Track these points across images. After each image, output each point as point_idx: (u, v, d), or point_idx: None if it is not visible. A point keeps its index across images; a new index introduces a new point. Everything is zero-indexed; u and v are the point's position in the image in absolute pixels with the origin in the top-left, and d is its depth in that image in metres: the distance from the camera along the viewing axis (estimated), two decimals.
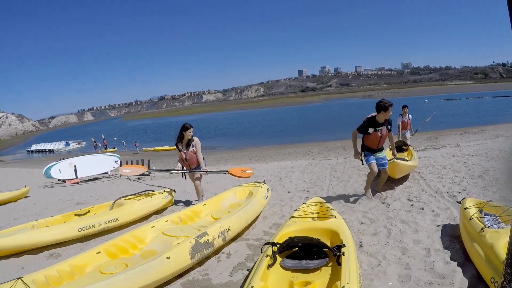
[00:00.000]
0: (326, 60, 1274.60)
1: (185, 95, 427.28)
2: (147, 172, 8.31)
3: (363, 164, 8.32)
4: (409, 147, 12.51)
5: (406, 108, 14.37)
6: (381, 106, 7.82)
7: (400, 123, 14.30)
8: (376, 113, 7.95)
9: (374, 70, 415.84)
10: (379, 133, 7.96)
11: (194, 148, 8.62)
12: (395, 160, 8.63)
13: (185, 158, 8.66)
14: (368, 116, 8.08)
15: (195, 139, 8.66)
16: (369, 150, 8.16)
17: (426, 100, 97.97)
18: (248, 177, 9.19)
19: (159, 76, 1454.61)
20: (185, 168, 8.76)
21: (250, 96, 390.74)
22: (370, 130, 7.92)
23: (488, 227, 4.62)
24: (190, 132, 8.52)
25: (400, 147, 12.43)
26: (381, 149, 8.27)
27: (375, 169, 8.03)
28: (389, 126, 8.16)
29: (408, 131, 14.57)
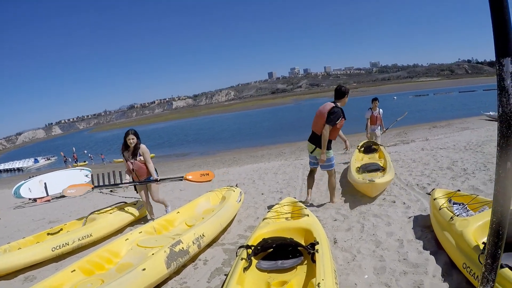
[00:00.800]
0: (295, 61, 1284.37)
1: (155, 102, 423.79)
2: (92, 189, 7.81)
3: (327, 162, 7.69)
4: (380, 147, 12.01)
5: (377, 101, 13.62)
6: (343, 91, 7.57)
7: (369, 118, 13.62)
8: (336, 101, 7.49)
9: (343, 70, 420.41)
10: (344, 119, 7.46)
11: (141, 158, 7.87)
12: (373, 179, 7.61)
13: (133, 169, 7.93)
14: (332, 105, 7.36)
15: (142, 147, 7.89)
16: (330, 145, 7.54)
17: (395, 97, 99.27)
18: (209, 180, 8.51)
19: (128, 84, 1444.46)
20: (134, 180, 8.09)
21: (221, 100, 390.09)
22: (339, 120, 7.30)
23: (457, 216, 4.76)
24: (131, 138, 7.73)
25: (370, 147, 12.13)
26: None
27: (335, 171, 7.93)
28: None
29: (379, 127, 13.83)
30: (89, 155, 49.27)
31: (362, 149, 11.98)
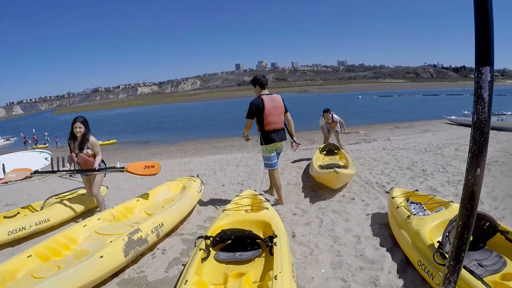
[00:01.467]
0: (263, 55, 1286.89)
1: (119, 87, 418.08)
2: (30, 175, 7.45)
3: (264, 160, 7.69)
4: (341, 149, 11.91)
5: (328, 113, 12.66)
6: (257, 80, 7.17)
7: (324, 125, 13.13)
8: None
9: (310, 66, 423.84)
10: (272, 102, 7.06)
11: (89, 151, 7.05)
12: (336, 169, 7.61)
13: (77, 162, 7.19)
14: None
15: (92, 139, 7.06)
16: (272, 136, 7.20)
17: (360, 96, 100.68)
18: (154, 174, 7.53)
19: (93, 67, 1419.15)
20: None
21: (187, 89, 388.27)
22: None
23: (414, 215, 4.91)
24: (78, 127, 6.93)
25: (332, 150, 12.13)
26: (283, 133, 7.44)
27: (277, 169, 7.72)
28: None
29: (339, 126, 13.09)
30: (46, 137, 47.94)
31: (324, 152, 12.00)
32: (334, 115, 12.82)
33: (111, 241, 4.81)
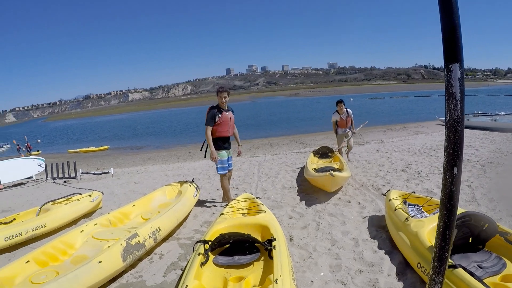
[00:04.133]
0: (253, 59, 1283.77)
1: (111, 93, 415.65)
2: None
3: (205, 156, 8.12)
4: (335, 153, 11.60)
5: (342, 104, 11.71)
6: (216, 92, 7.76)
7: (336, 121, 11.88)
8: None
9: (301, 70, 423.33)
10: (228, 115, 7.71)
11: None
12: (332, 172, 7.67)
13: None
14: (210, 106, 7.80)
15: None
16: (222, 143, 7.81)
17: (351, 99, 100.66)
18: None
19: (84, 74, 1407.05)
20: None
21: (178, 95, 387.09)
22: (217, 119, 7.57)
23: (412, 217, 4.92)
24: None
25: (326, 153, 12.00)
26: (230, 142, 8.05)
27: (227, 175, 8.09)
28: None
29: (348, 128, 11.91)
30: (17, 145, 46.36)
31: (318, 155, 11.91)
32: (349, 110, 11.88)
33: (109, 246, 4.81)
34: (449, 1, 1.60)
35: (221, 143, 7.79)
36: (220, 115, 7.56)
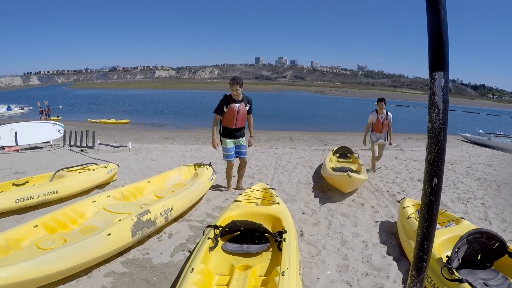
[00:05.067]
0: (283, 51, 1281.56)
1: (137, 68, 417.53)
2: None
3: (216, 148, 8.06)
4: (354, 154, 11.50)
5: (383, 103, 10.31)
6: (229, 82, 7.67)
7: (373, 123, 10.51)
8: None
9: (329, 68, 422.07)
10: (236, 108, 7.68)
11: None
12: (350, 173, 7.57)
13: None
14: (224, 95, 7.84)
15: None
16: (227, 132, 7.88)
17: (375, 103, 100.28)
18: None
19: (112, 45, 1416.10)
20: None
21: (204, 77, 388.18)
22: (225, 109, 7.66)
23: None
24: None
25: (345, 153, 11.78)
26: (241, 131, 8.03)
27: (232, 163, 8.10)
28: (249, 106, 7.91)
29: (383, 136, 10.61)
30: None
31: (337, 154, 11.75)
32: (390, 113, 10.54)
33: (119, 220, 4.82)
34: (436, 8, 1.57)
35: (227, 132, 7.91)
36: (227, 107, 7.65)
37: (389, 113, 10.43)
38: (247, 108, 7.88)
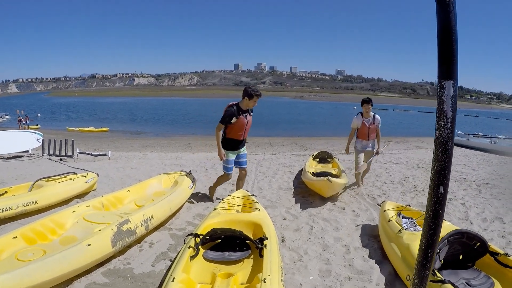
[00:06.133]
0: (262, 57, 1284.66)
1: (117, 75, 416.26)
2: None
3: (222, 162, 7.75)
4: (334, 159, 11.29)
5: (370, 105, 8.87)
6: (246, 92, 7.18)
7: (358, 128, 9.07)
8: (241, 100, 7.25)
9: (308, 73, 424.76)
10: (245, 120, 7.24)
11: None
12: (330, 177, 7.53)
13: None
14: (229, 104, 7.30)
15: None
16: (232, 145, 7.47)
17: (355, 107, 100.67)
18: None
19: (91, 53, 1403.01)
20: None
21: (183, 84, 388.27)
22: (234, 120, 7.12)
23: (405, 229, 4.93)
24: None
25: (325, 158, 11.65)
26: (244, 142, 7.74)
27: (230, 177, 7.94)
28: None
29: (371, 143, 9.20)
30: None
31: (317, 159, 11.69)
32: (378, 116, 9.12)
33: (99, 230, 4.78)
34: (448, 18, 1.57)
35: (233, 144, 7.48)
36: (237, 118, 7.11)
37: (377, 115, 9.02)
38: (251, 117, 7.50)
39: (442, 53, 1.61)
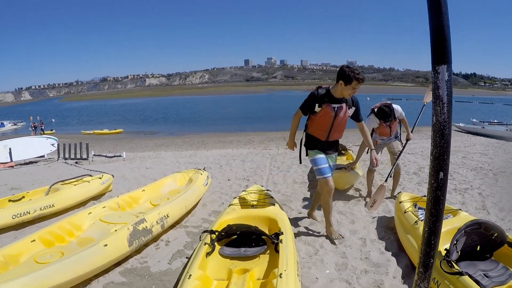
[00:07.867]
0: (272, 52, 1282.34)
1: (128, 77, 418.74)
2: None
3: (300, 162, 6.21)
4: (348, 151, 11.34)
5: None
6: (343, 74, 4.94)
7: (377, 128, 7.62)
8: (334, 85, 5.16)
9: (319, 65, 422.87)
10: (332, 112, 5.16)
11: None
12: (344, 170, 7.46)
13: None
14: (318, 86, 5.43)
15: None
16: (313, 145, 5.49)
17: (368, 98, 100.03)
18: None
19: (102, 56, 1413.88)
20: None
21: (195, 82, 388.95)
22: (318, 109, 5.18)
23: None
24: None
25: (339, 151, 11.08)
26: (335, 146, 5.71)
27: (331, 185, 5.37)
28: (354, 109, 5.47)
29: (393, 136, 7.97)
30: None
31: None
32: (397, 107, 7.74)
33: (116, 230, 4.82)
34: (438, 2, 1.55)
35: (314, 143, 5.50)
36: (320, 106, 5.16)
37: (397, 108, 7.76)
38: (351, 112, 5.45)
39: (434, 37, 1.60)
